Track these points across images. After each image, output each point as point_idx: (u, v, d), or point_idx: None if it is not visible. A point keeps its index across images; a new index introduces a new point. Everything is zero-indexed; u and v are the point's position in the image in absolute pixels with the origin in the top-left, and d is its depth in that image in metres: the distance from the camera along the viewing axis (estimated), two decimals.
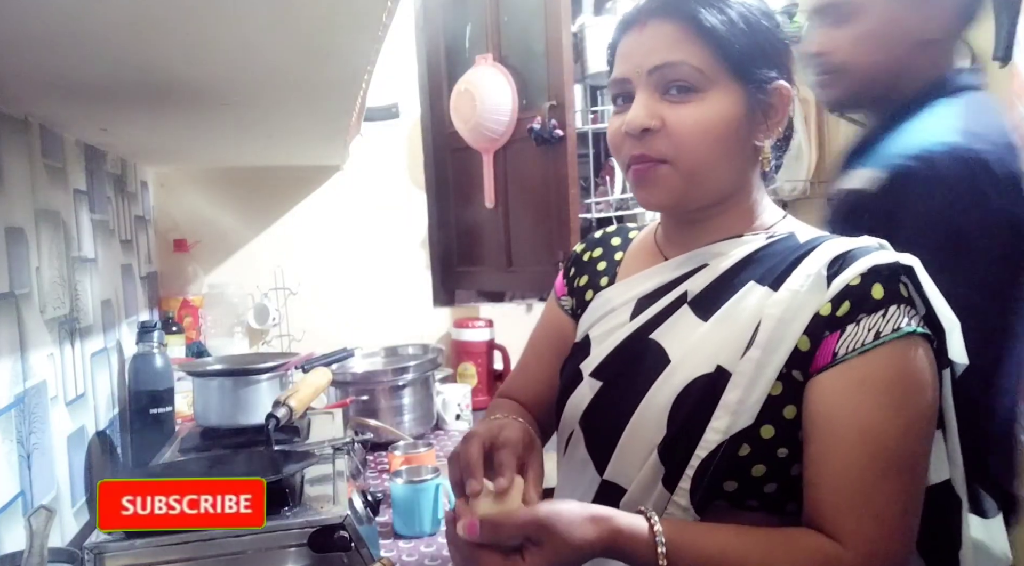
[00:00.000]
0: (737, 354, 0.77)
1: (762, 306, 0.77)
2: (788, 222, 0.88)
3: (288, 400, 1.25)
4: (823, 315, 0.75)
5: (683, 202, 0.84)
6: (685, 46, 0.79)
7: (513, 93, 2.06)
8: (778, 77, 0.83)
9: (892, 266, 0.76)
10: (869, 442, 0.72)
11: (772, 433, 0.75)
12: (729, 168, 0.83)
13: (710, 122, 0.80)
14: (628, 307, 0.89)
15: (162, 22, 0.74)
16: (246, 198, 2.24)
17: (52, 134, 1.28)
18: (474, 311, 2.41)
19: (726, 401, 0.76)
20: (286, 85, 1.08)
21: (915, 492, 0.74)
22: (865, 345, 0.73)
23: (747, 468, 0.76)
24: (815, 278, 0.76)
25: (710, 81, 0.79)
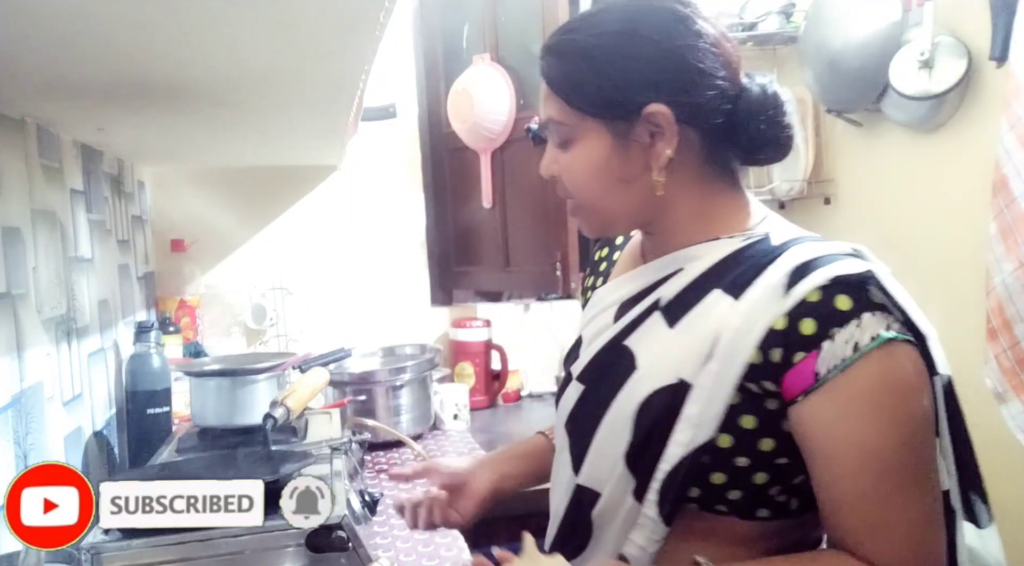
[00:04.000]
0: (698, 366, 0.76)
1: (724, 317, 0.76)
2: (767, 223, 0.85)
3: (285, 400, 1.25)
4: (777, 330, 0.73)
5: (607, 231, 0.90)
6: (549, 102, 0.83)
7: (511, 93, 2.06)
8: (648, 100, 0.78)
9: (857, 276, 0.73)
10: (872, 462, 0.71)
11: (730, 443, 0.75)
12: (623, 198, 0.83)
13: (580, 167, 0.83)
14: (612, 311, 0.89)
15: (159, 22, 0.74)
16: (243, 198, 2.24)
17: (49, 134, 1.28)
18: (472, 311, 2.41)
19: (687, 414, 0.75)
20: (283, 85, 1.08)
21: (932, 500, 0.73)
22: (845, 360, 0.70)
23: (706, 476, 0.76)
24: (774, 289, 0.74)
25: (575, 128, 0.82)
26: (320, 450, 1.25)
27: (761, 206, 0.88)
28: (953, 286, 1.83)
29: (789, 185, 2.31)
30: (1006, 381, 1.48)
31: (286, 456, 1.18)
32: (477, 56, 2.12)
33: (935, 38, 1.76)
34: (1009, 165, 1.44)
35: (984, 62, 1.69)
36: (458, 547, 1.25)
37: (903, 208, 2.01)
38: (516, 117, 2.06)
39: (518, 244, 2.16)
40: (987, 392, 1.53)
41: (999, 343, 1.48)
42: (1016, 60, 1.46)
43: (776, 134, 0.83)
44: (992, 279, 1.49)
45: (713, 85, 0.79)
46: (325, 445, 1.28)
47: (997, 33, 1.60)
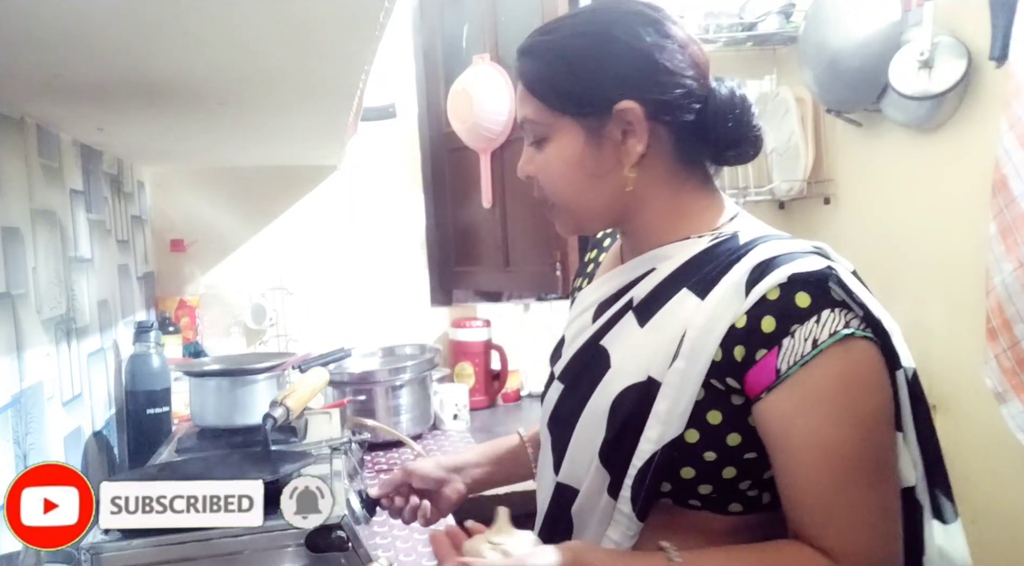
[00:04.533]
0: (665, 364, 0.78)
1: (689, 316, 0.78)
2: (737, 221, 0.86)
3: (285, 400, 1.25)
4: (738, 328, 0.75)
5: (582, 229, 0.91)
6: (525, 102, 0.86)
7: (510, 93, 2.06)
8: (619, 98, 0.80)
9: (816, 273, 0.74)
10: (830, 456, 0.73)
11: (697, 438, 0.77)
12: (596, 196, 0.85)
13: (554, 164, 0.85)
14: (591, 311, 0.91)
15: (159, 22, 0.74)
16: (243, 198, 2.24)
17: (48, 134, 1.28)
18: (471, 311, 2.41)
19: (656, 411, 0.77)
20: (283, 85, 1.08)
21: (889, 493, 0.75)
22: (805, 356, 0.72)
23: (676, 470, 0.77)
24: (735, 286, 0.76)
25: (549, 127, 0.84)
26: (320, 450, 1.25)
27: (733, 205, 0.89)
28: (953, 286, 1.83)
29: (789, 185, 2.31)
30: (1006, 381, 1.48)
31: (286, 456, 1.18)
32: (477, 56, 2.12)
33: (935, 38, 1.76)
34: (1009, 165, 1.44)
35: (984, 62, 1.69)
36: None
37: (903, 208, 2.01)
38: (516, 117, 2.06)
39: (518, 244, 2.16)
40: (987, 392, 1.53)
41: (999, 343, 1.48)
42: (1016, 60, 1.46)
43: (744, 134, 0.85)
44: (992, 279, 1.49)
45: (681, 84, 0.82)
46: (325, 445, 1.28)
47: (997, 33, 1.60)
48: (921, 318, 1.90)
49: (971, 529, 0.84)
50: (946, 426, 1.91)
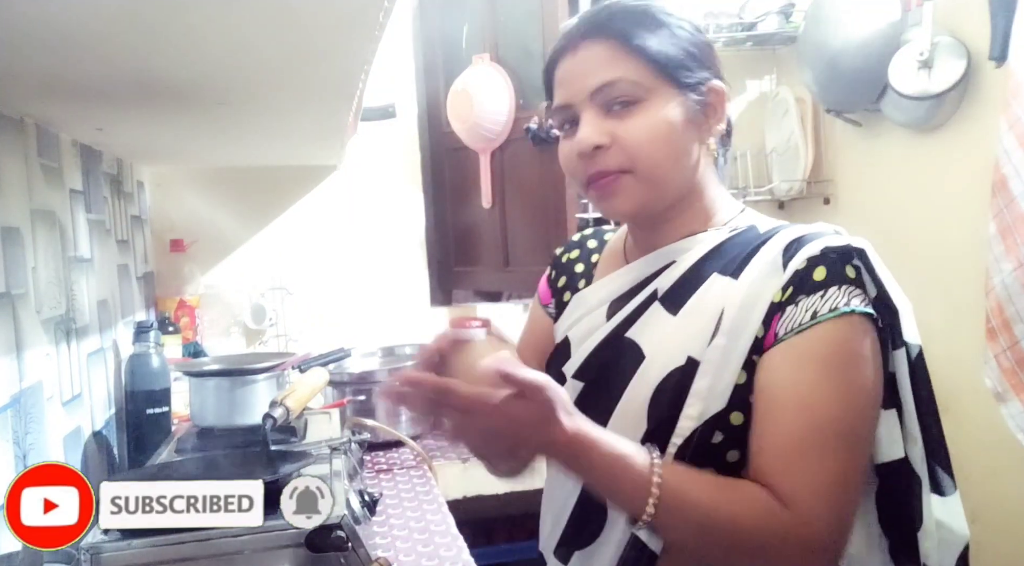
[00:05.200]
0: (704, 343, 0.80)
1: (725, 295, 0.80)
2: (747, 215, 0.90)
3: (285, 400, 1.25)
4: (775, 302, 0.78)
5: (647, 208, 0.87)
6: (619, 63, 0.83)
7: (510, 93, 2.06)
8: (710, 77, 0.86)
9: (841, 249, 0.79)
10: (807, 413, 0.75)
11: (742, 420, 0.78)
12: (683, 168, 0.85)
13: (658, 128, 0.82)
14: (603, 308, 0.91)
15: (158, 22, 0.74)
16: (243, 198, 2.24)
17: (48, 134, 1.28)
18: (471, 311, 2.41)
19: (697, 388, 0.79)
20: (283, 85, 1.08)
21: (854, 464, 0.77)
22: (802, 325, 0.76)
23: (722, 454, 0.79)
24: (771, 264, 0.80)
25: (649, 90, 0.82)
26: (319, 450, 1.25)
27: (736, 201, 0.94)
28: (952, 286, 1.83)
29: (788, 185, 2.31)
30: (1005, 381, 1.48)
31: (285, 456, 1.18)
32: (476, 56, 2.12)
33: (934, 38, 1.76)
34: (1008, 165, 1.44)
35: (983, 62, 1.69)
36: (457, 547, 1.25)
37: (902, 208, 2.01)
38: (515, 117, 2.06)
39: (517, 244, 2.16)
40: (987, 392, 1.53)
41: (998, 343, 1.48)
42: (1015, 60, 1.46)
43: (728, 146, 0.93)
44: (991, 279, 1.49)
45: (723, 78, 0.88)
46: (324, 445, 1.28)
47: (996, 33, 1.60)
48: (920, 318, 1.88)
49: (971, 529, 0.84)
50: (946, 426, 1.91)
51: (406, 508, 1.44)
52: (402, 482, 1.60)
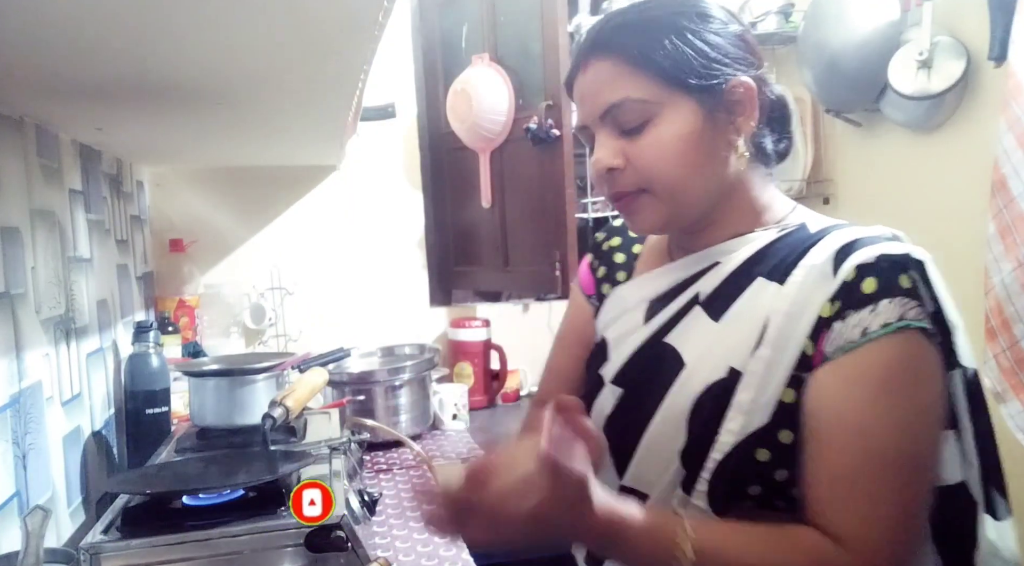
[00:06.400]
0: (747, 353, 0.76)
1: (770, 302, 0.76)
2: (799, 213, 0.86)
3: (284, 400, 1.25)
4: (824, 317, 0.73)
5: (672, 223, 0.83)
6: (623, 81, 0.79)
7: (509, 93, 2.06)
8: (732, 73, 0.80)
9: (897, 258, 0.73)
10: (862, 441, 0.70)
11: (792, 439, 0.74)
12: (706, 178, 0.81)
13: (669, 143, 0.79)
14: (641, 309, 0.88)
15: (158, 21, 0.74)
16: (242, 198, 2.24)
17: (47, 134, 1.28)
18: (471, 311, 2.41)
19: (739, 401, 0.75)
20: (282, 85, 1.08)
21: (917, 495, 0.71)
22: (851, 343, 0.71)
23: (770, 473, 0.75)
24: (820, 270, 0.75)
25: (658, 104, 0.79)
26: (319, 450, 1.25)
27: (787, 198, 0.89)
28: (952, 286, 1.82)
29: (788, 185, 2.31)
30: (1005, 381, 1.48)
31: (285, 456, 1.18)
32: (476, 56, 2.12)
33: (934, 38, 1.76)
34: (1008, 165, 1.44)
35: (983, 62, 1.69)
36: (457, 547, 1.25)
37: (902, 208, 2.01)
38: (515, 117, 2.06)
39: (517, 244, 2.16)
40: (986, 392, 1.53)
41: (998, 343, 1.48)
42: (1015, 60, 1.46)
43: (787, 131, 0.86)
44: (991, 279, 1.49)
45: (760, 64, 0.83)
46: (324, 445, 1.28)
47: (996, 33, 1.60)
48: None
49: None
50: None
51: (406, 508, 1.44)
52: (402, 482, 1.60)
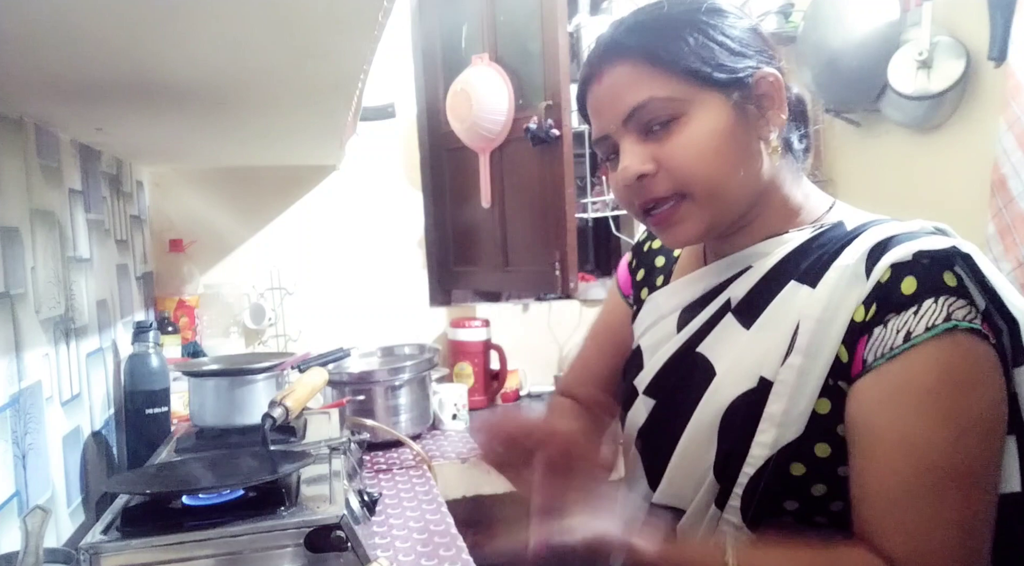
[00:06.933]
0: (778, 362, 0.72)
1: (802, 307, 0.73)
2: (837, 210, 0.82)
3: (284, 400, 1.25)
4: (857, 321, 0.69)
5: (714, 228, 0.79)
6: (647, 82, 0.76)
7: (509, 93, 2.06)
8: (757, 66, 0.77)
9: (938, 253, 0.69)
10: (913, 455, 0.66)
11: (828, 452, 0.71)
12: (743, 175, 0.77)
13: (704, 142, 0.75)
14: (674, 317, 0.85)
15: (157, 21, 0.74)
16: (242, 198, 2.24)
17: (47, 134, 1.28)
18: (470, 311, 2.41)
19: (770, 413, 0.72)
20: (282, 85, 1.08)
21: (977, 506, 0.66)
22: (895, 349, 0.67)
23: (806, 488, 0.72)
24: (852, 271, 0.71)
25: (686, 102, 0.75)
26: (319, 450, 1.25)
27: (824, 195, 0.85)
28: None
29: None
30: None
31: (285, 456, 1.17)
32: (476, 56, 2.12)
33: (933, 38, 1.77)
34: (1007, 165, 1.44)
35: (982, 62, 1.69)
36: (457, 547, 1.25)
37: (901, 208, 1.99)
38: (515, 117, 2.06)
39: (517, 244, 2.16)
40: None
41: None
42: (1014, 60, 1.46)
43: (808, 127, 0.85)
44: None
45: (778, 56, 0.81)
46: (324, 445, 1.28)
47: (995, 33, 1.60)
48: None
49: None
50: None
51: (405, 508, 1.44)
52: (401, 482, 1.60)
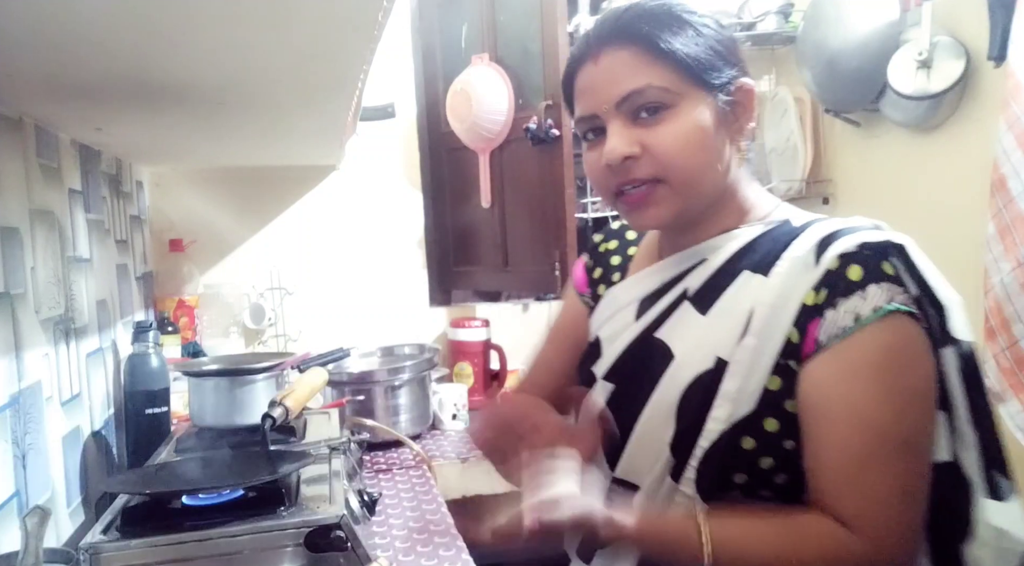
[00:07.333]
0: (734, 344, 0.78)
1: (755, 294, 0.78)
2: (783, 209, 0.88)
3: (284, 400, 1.25)
4: (808, 305, 0.76)
5: (682, 216, 0.84)
6: (646, 69, 0.80)
7: (509, 93, 2.06)
8: (738, 75, 0.84)
9: (877, 245, 0.76)
10: (863, 427, 0.72)
11: (776, 427, 0.76)
12: (716, 172, 0.83)
13: (690, 134, 0.80)
14: (632, 308, 0.90)
15: (157, 22, 0.74)
16: (242, 198, 2.24)
17: (47, 134, 1.28)
18: (470, 311, 2.41)
19: (725, 390, 0.77)
20: (282, 85, 1.08)
21: (917, 473, 0.74)
22: (845, 330, 0.73)
23: (755, 461, 0.77)
24: (803, 261, 0.77)
25: (678, 95, 0.80)
26: (319, 450, 1.25)
27: (771, 195, 0.91)
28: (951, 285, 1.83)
29: (787, 185, 2.31)
30: (1004, 381, 1.48)
31: (285, 456, 1.18)
32: (476, 56, 2.12)
33: (933, 38, 1.77)
34: (1007, 165, 1.44)
35: (982, 62, 1.69)
36: (457, 547, 1.25)
37: (901, 208, 2.01)
38: (515, 117, 2.06)
39: (516, 244, 2.16)
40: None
41: (997, 343, 1.49)
42: (1014, 60, 1.46)
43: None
44: (990, 279, 1.49)
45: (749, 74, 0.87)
46: (324, 445, 1.28)
47: (995, 33, 1.60)
48: None
49: None
50: None
51: (405, 508, 1.44)
52: (401, 482, 1.61)
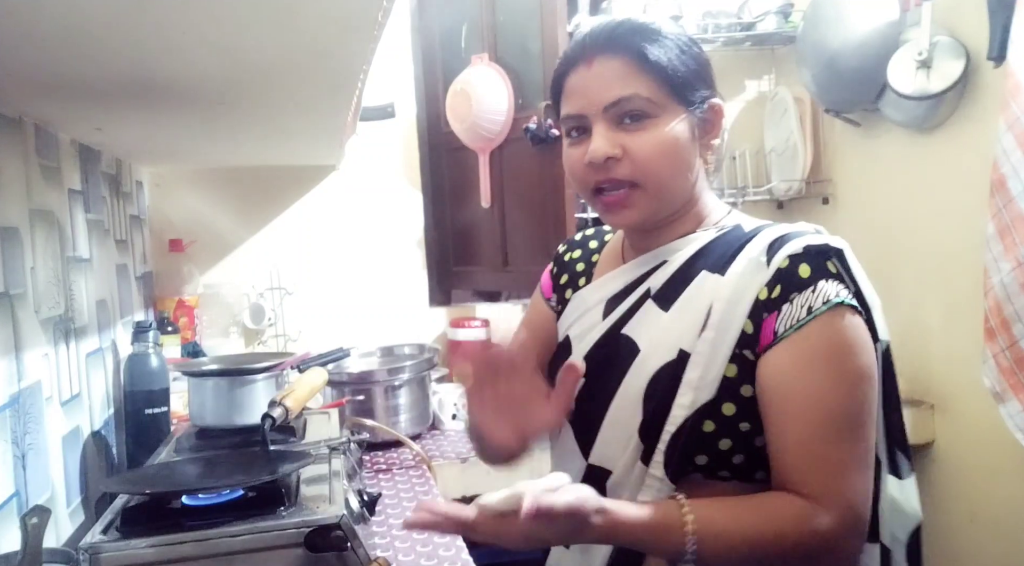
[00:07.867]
0: (695, 337, 0.85)
1: (713, 291, 0.86)
2: (734, 216, 0.96)
3: (284, 400, 1.25)
4: (761, 299, 0.83)
5: (652, 219, 0.92)
6: (634, 79, 0.87)
7: (509, 93, 2.06)
8: (711, 95, 0.91)
9: (820, 247, 0.85)
10: (819, 409, 0.80)
11: (733, 410, 0.83)
12: (685, 181, 0.91)
13: (666, 144, 0.87)
14: (600, 308, 0.97)
15: (157, 21, 0.74)
16: (242, 198, 2.24)
17: (47, 134, 1.28)
18: (470, 311, 2.41)
19: (688, 379, 0.84)
20: (282, 85, 1.08)
21: (867, 447, 0.82)
22: (800, 321, 0.81)
23: (714, 443, 0.84)
24: (755, 261, 0.85)
25: (660, 107, 0.88)
26: (318, 450, 1.25)
27: (722, 203, 0.99)
28: (951, 286, 1.83)
29: (787, 185, 2.31)
30: (1004, 381, 1.48)
31: (284, 456, 1.17)
32: (475, 56, 2.13)
33: (933, 38, 1.77)
34: (1007, 165, 1.44)
35: (982, 62, 1.70)
36: (456, 547, 1.25)
37: (901, 208, 2.01)
38: (514, 117, 2.06)
39: (516, 244, 2.16)
40: (985, 391, 1.53)
41: (997, 343, 1.48)
42: (1014, 60, 1.46)
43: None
44: (990, 279, 1.49)
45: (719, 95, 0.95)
46: (323, 445, 1.28)
47: (995, 33, 1.60)
48: (919, 317, 1.90)
49: (969, 528, 0.86)
50: (944, 425, 1.91)
51: (405, 508, 1.44)
52: (401, 482, 1.61)
